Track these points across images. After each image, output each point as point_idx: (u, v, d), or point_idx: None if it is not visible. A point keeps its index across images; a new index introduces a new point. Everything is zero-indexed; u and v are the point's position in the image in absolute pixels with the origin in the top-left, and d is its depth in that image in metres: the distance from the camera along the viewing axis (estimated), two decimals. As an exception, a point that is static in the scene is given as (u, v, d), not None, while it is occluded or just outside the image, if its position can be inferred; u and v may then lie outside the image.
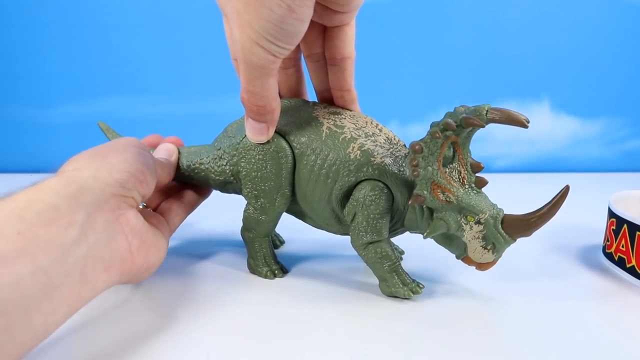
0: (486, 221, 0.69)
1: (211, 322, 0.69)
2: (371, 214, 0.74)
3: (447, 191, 0.69)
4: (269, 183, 0.78)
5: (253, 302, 0.75)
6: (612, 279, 0.84)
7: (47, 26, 1.47)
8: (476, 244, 0.71)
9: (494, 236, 0.70)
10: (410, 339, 0.65)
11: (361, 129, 0.77)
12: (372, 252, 0.76)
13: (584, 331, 0.68)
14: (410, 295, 0.75)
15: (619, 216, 0.85)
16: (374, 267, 0.77)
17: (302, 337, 0.65)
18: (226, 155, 0.83)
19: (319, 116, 0.79)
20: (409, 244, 0.93)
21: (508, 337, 0.66)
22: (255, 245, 0.84)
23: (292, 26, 0.63)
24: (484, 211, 0.69)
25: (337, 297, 0.77)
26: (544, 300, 0.77)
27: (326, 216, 0.79)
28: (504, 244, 0.70)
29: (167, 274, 0.84)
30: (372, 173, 0.74)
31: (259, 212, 0.81)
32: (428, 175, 0.69)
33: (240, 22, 0.63)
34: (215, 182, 0.85)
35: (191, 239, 1.01)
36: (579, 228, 1.09)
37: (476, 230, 0.70)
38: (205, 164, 0.85)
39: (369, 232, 0.75)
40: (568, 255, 0.94)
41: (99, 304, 0.73)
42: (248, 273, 0.85)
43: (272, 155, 0.77)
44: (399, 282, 0.76)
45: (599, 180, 1.50)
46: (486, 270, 0.74)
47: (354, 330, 0.67)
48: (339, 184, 0.75)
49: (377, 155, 0.74)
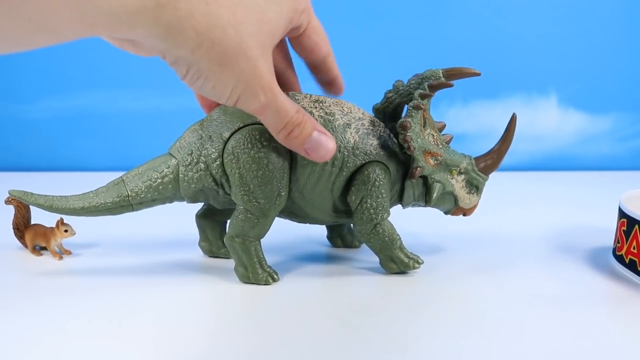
0: (466, 169, 0.82)
1: (190, 318, 0.68)
2: (380, 194, 0.78)
3: (435, 154, 0.80)
4: (270, 183, 0.75)
5: (241, 300, 0.74)
6: (622, 283, 0.83)
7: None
8: (463, 192, 0.83)
9: (475, 179, 0.83)
10: (400, 334, 0.63)
11: (349, 114, 0.80)
12: (381, 233, 0.80)
13: (594, 338, 0.67)
14: (416, 266, 0.82)
15: (630, 216, 0.83)
16: (383, 246, 0.81)
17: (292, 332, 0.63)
18: (204, 158, 0.77)
19: (305, 106, 0.78)
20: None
21: (513, 343, 0.65)
22: (249, 252, 0.79)
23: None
24: (461, 162, 0.82)
25: (329, 288, 0.76)
26: (550, 305, 0.75)
27: (325, 208, 0.80)
28: (483, 183, 0.84)
29: (149, 268, 0.83)
30: (375, 154, 0.79)
31: (257, 214, 0.77)
32: (420, 146, 0.78)
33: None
34: (188, 192, 0.79)
35: (175, 233, 0.99)
36: (588, 229, 1.07)
37: (460, 180, 0.83)
38: (171, 174, 0.78)
39: (380, 211, 0.79)
40: (576, 258, 0.93)
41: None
42: (239, 284, 0.80)
43: (272, 153, 0.75)
44: (404, 257, 0.82)
45: (609, 178, 1.50)
46: (472, 214, 0.86)
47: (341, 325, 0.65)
48: (344, 170, 0.78)
49: (374, 137, 0.79)
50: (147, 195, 0.79)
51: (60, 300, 0.74)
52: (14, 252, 0.90)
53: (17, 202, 0.89)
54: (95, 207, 0.79)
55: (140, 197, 0.79)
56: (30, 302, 0.74)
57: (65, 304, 0.73)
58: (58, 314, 0.70)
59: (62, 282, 0.80)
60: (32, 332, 0.66)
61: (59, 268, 0.85)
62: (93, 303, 0.73)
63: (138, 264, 0.86)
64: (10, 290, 0.77)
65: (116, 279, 0.81)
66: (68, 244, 0.90)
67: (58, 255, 0.87)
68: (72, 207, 0.80)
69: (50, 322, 0.68)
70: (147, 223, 1.04)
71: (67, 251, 0.89)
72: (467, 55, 1.54)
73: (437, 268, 0.86)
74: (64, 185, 1.29)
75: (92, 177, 1.24)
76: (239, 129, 0.76)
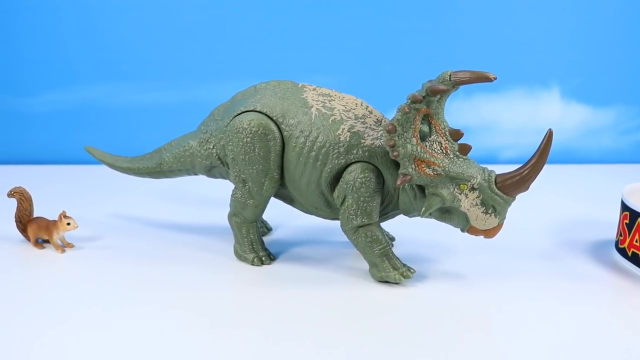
0: (480, 185, 0.71)
1: (193, 309, 0.70)
2: (361, 196, 0.75)
3: (432, 164, 0.71)
4: (256, 166, 0.78)
5: (239, 291, 0.77)
6: (624, 276, 0.83)
7: (26, 8, 1.43)
8: (476, 211, 0.72)
9: (492, 199, 0.71)
10: (403, 327, 0.65)
11: (351, 111, 0.78)
12: (362, 236, 0.76)
13: (595, 331, 0.67)
14: (401, 279, 0.76)
15: (632, 209, 0.84)
16: (364, 251, 0.78)
17: (287, 324, 0.66)
18: (213, 138, 0.84)
19: (308, 98, 0.79)
20: (401, 228, 0.93)
21: (515, 336, 0.65)
22: (242, 231, 0.84)
23: None
24: (474, 176, 0.71)
25: (325, 282, 0.79)
26: (552, 298, 0.75)
27: (315, 200, 0.80)
28: (504, 205, 0.72)
29: (151, 260, 0.85)
30: (362, 155, 0.75)
31: (246, 196, 0.81)
32: (409, 153, 0.70)
33: None
34: (202, 167, 0.87)
35: (177, 225, 1.00)
36: (590, 222, 1.07)
37: (472, 197, 0.71)
38: (191, 149, 0.86)
39: (359, 215, 0.76)
40: (578, 251, 0.92)
41: (82, 287, 0.73)
42: (235, 260, 0.85)
43: (260, 137, 0.77)
44: (390, 266, 0.77)
45: (612, 171, 1.49)
46: (494, 237, 0.75)
47: (343, 319, 0.67)
48: (328, 167, 0.76)
49: (368, 137, 0.76)
50: (173, 165, 0.89)
51: (62, 294, 0.74)
52: (16, 245, 0.91)
53: (19, 195, 0.90)
54: (138, 169, 0.92)
55: (169, 165, 0.89)
56: (32, 295, 0.74)
57: (68, 298, 0.73)
58: (61, 307, 0.71)
59: (65, 276, 0.80)
60: (34, 325, 0.66)
61: (61, 261, 0.85)
62: (95, 296, 0.73)
63: (141, 257, 0.86)
64: (12, 283, 0.78)
65: (119, 272, 0.81)
66: (71, 237, 0.90)
67: (60, 249, 0.88)
68: (120, 166, 0.95)
69: (53, 315, 0.68)
70: (150, 216, 1.04)
71: (69, 244, 0.89)
72: (469, 48, 1.53)
73: (438, 261, 0.86)
74: (67, 179, 1.30)
75: (94, 170, 1.25)
76: (239, 114, 0.79)
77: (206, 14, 1.42)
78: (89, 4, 1.43)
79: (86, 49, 1.46)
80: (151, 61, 1.47)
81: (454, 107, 1.53)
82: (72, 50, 1.46)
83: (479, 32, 1.53)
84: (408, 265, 0.78)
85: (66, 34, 1.45)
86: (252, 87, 0.84)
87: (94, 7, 1.43)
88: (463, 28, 1.52)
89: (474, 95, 1.54)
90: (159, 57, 1.47)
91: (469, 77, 0.68)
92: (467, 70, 0.68)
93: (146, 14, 1.44)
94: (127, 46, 1.45)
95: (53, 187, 1.22)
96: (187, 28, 1.45)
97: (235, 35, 1.43)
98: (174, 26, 1.45)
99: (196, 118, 0.92)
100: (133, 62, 1.47)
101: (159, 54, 1.46)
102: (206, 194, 1.13)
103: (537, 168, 0.71)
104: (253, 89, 0.83)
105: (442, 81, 0.68)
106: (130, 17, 1.43)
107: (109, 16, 1.43)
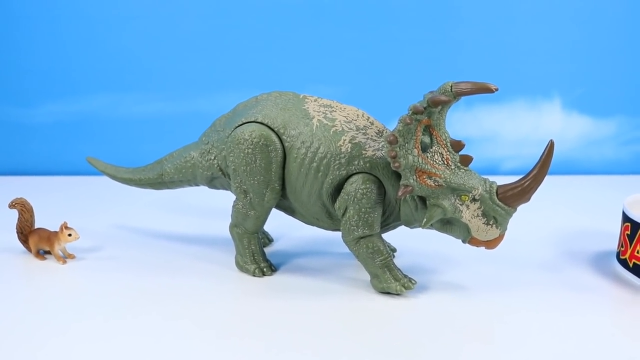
0: (481, 197, 0.71)
1: (194, 319, 0.70)
2: (363, 207, 0.75)
3: (434, 175, 0.71)
4: (258, 177, 0.78)
5: (240, 302, 0.77)
6: (626, 287, 0.82)
7: (27, 18, 1.44)
8: (478, 222, 0.72)
9: (493, 210, 0.71)
10: (404, 339, 0.65)
11: (352, 122, 0.78)
12: (364, 247, 0.76)
13: (597, 342, 0.67)
14: (402, 290, 0.76)
15: (633, 220, 0.83)
16: (365, 262, 0.78)
17: (289, 335, 0.66)
18: (214, 149, 0.84)
19: (309, 109, 0.79)
20: (402, 239, 0.93)
21: (516, 347, 0.65)
22: (244, 242, 0.84)
23: None
24: (475, 187, 0.71)
25: (327, 293, 0.79)
26: (553, 309, 0.75)
27: (317, 211, 0.80)
28: (505, 216, 0.72)
29: (153, 271, 0.85)
30: (364, 166, 0.75)
31: (247, 207, 0.81)
32: (410, 164, 0.70)
33: None
34: (203, 178, 0.87)
35: (178, 236, 1.00)
36: (592, 233, 1.07)
37: (474, 209, 0.71)
38: (193, 160, 0.87)
39: (361, 226, 0.75)
40: (579, 262, 0.92)
41: (83, 300, 0.73)
42: (236, 271, 0.85)
43: (261, 148, 0.77)
44: (391, 277, 0.77)
45: (613, 182, 1.49)
46: (496, 247, 0.74)
47: (344, 330, 0.67)
48: (329, 178, 0.76)
49: (369, 148, 0.76)
50: (174, 176, 0.89)
51: (64, 305, 0.74)
52: (17, 256, 0.91)
53: (20, 206, 0.90)
54: (140, 180, 0.92)
55: (170, 176, 0.89)
56: (34, 306, 0.74)
57: (70, 308, 0.73)
58: (62, 318, 0.71)
59: (66, 286, 0.80)
60: (36, 336, 0.66)
61: (63, 272, 0.85)
62: (97, 307, 0.73)
63: (142, 268, 0.86)
64: (14, 294, 0.77)
65: (120, 283, 0.81)
66: (72, 248, 0.90)
67: (62, 260, 0.88)
68: (122, 177, 0.95)
69: (55, 326, 0.68)
70: (152, 227, 1.04)
71: (71, 255, 0.89)
72: (470, 58, 1.53)
73: (439, 272, 0.86)
74: (68, 189, 1.30)
75: (96, 181, 1.25)
76: (240, 125, 0.79)
77: (208, 25, 1.43)
78: (90, 15, 1.43)
79: (88, 59, 1.46)
80: (153, 72, 1.47)
81: (456, 118, 1.54)
82: (74, 61, 1.46)
83: (480, 43, 1.53)
84: (409, 276, 0.78)
85: (68, 45, 1.45)
86: (253, 98, 0.84)
87: (95, 18, 1.43)
88: (464, 39, 1.52)
89: (476, 106, 1.54)
90: (160, 68, 1.47)
91: (470, 88, 0.68)
92: (468, 81, 0.68)
93: (148, 25, 1.44)
94: (129, 57, 1.46)
95: (54, 198, 1.22)
96: (189, 39, 1.46)
97: (237, 46, 1.44)
98: (176, 37, 1.46)
99: (198, 129, 0.92)
100: (135, 73, 1.47)
101: (161, 65, 1.47)
102: (207, 205, 1.13)
103: (538, 179, 0.71)
104: (254, 99, 0.83)
105: (443, 92, 0.68)
106: (131, 28, 1.44)
107: (111, 27, 1.44)
